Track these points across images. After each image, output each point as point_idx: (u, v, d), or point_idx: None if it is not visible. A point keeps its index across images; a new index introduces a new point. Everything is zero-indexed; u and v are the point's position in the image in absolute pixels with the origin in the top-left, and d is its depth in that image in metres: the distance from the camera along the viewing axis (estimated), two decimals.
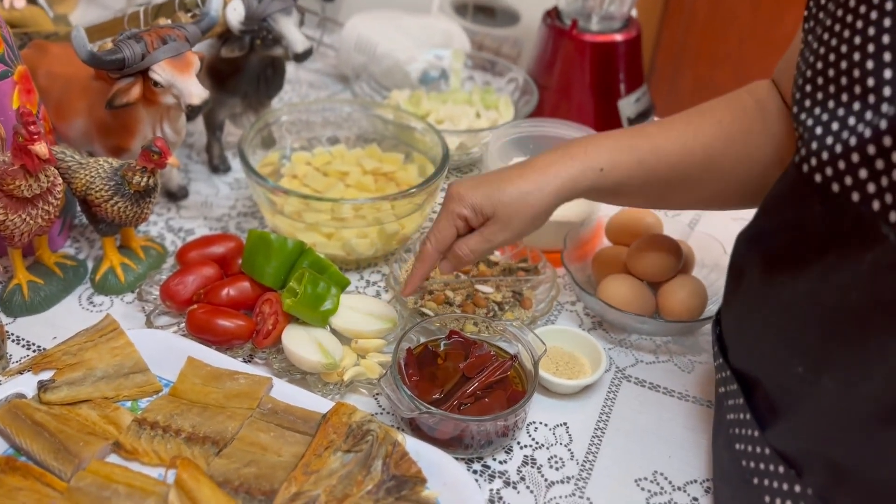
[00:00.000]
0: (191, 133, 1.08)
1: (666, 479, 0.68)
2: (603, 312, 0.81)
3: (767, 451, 0.56)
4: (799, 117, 0.54)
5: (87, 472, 0.60)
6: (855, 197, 0.48)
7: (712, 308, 0.81)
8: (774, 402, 0.57)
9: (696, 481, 0.67)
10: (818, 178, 0.51)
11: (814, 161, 0.51)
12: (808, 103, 0.54)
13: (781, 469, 0.54)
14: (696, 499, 0.66)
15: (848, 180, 0.49)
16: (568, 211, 0.81)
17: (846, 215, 0.49)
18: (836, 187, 0.50)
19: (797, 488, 0.53)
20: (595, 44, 1.04)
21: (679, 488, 0.67)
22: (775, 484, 0.55)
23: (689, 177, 0.69)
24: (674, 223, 0.92)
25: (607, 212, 0.89)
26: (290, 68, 1.31)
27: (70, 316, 0.79)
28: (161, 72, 0.76)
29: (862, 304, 0.49)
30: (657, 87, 2.06)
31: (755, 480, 0.57)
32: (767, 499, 0.55)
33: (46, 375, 0.68)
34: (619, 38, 1.04)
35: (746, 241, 0.63)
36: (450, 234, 0.70)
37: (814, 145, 0.51)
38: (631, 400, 0.75)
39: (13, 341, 0.76)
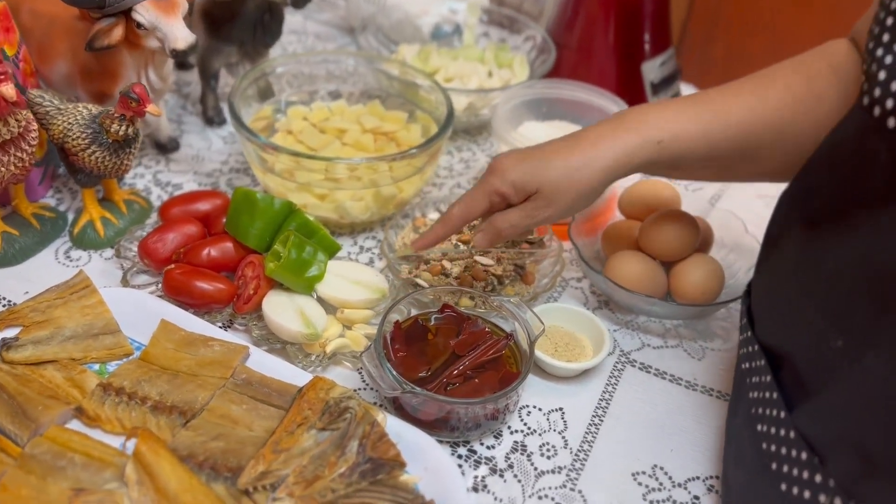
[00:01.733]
0: (187, 83, 1.02)
1: (666, 474, 0.63)
2: (610, 291, 0.75)
3: (792, 434, 0.51)
4: (875, 53, 0.48)
5: (43, 438, 0.57)
6: None
7: (730, 292, 0.75)
8: (805, 379, 0.51)
9: (698, 478, 0.62)
10: (892, 122, 0.45)
11: (890, 103, 0.45)
12: (886, 38, 0.47)
13: (804, 455, 0.49)
14: (697, 497, 0.61)
15: None
16: None
17: None
18: None
19: (818, 478, 0.48)
20: (620, 0, 0.96)
21: (679, 485, 0.62)
22: (795, 471, 0.49)
23: (756, 148, 0.63)
24: (694, 198, 0.85)
25: (622, 182, 0.82)
26: (298, 19, 1.25)
27: (45, 270, 0.75)
28: (144, 13, 0.71)
29: None
30: (688, 53, 1.97)
31: (773, 465, 0.51)
32: (784, 486, 0.50)
33: (11, 333, 0.64)
34: None
35: (788, 202, 0.58)
36: (482, 206, 0.67)
37: (894, 86, 0.45)
38: (634, 386, 0.70)
39: None
